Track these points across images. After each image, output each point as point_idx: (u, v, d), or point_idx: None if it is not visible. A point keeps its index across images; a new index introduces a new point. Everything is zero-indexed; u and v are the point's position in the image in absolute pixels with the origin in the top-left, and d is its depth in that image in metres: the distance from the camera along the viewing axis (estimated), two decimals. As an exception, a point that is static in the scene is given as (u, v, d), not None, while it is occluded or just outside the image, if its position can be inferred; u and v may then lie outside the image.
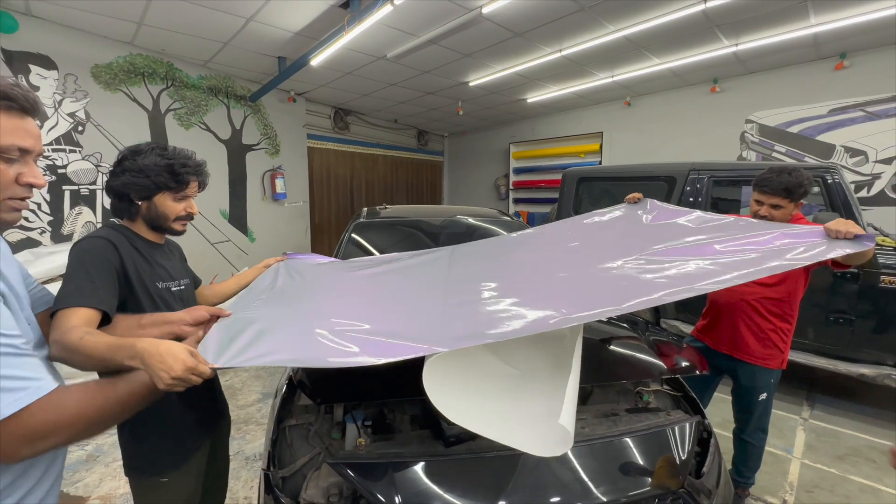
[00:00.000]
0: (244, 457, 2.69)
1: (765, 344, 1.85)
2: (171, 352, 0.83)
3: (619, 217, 2.00)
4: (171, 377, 0.80)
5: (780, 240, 1.36)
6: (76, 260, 1.11)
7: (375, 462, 1.29)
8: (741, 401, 2.01)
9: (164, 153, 1.23)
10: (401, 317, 1.35)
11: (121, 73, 4.39)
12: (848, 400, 3.34)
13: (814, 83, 4.91)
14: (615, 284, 1.34)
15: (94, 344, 0.90)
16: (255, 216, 5.91)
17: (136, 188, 1.19)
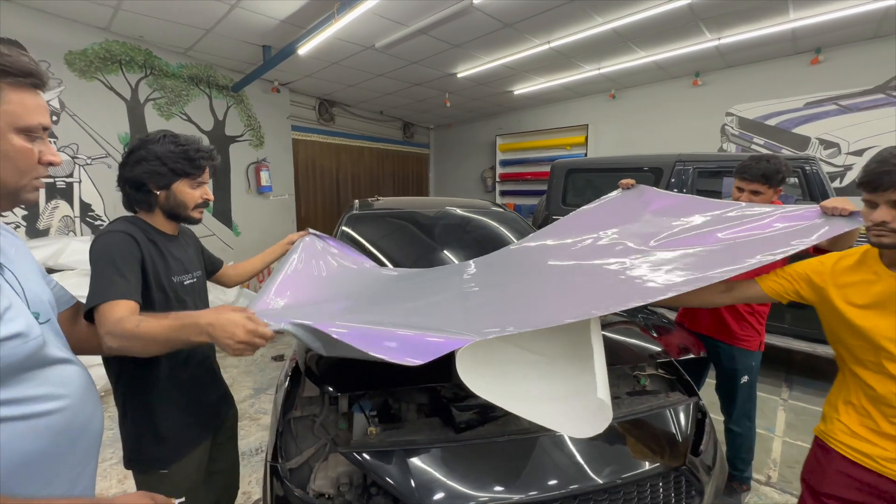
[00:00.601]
0: (239, 452, 2.66)
1: (742, 325, 1.92)
2: (231, 319, 0.87)
3: (616, 206, 2.04)
4: (237, 342, 0.85)
5: (780, 222, 1.40)
6: (103, 255, 1.09)
7: (389, 450, 1.30)
8: (725, 386, 2.06)
9: (177, 140, 1.23)
10: (430, 317, 1.38)
11: (97, 61, 4.21)
12: (823, 380, 3.52)
13: (790, 77, 5.07)
14: (629, 283, 1.36)
15: (153, 328, 0.91)
16: (240, 209, 5.78)
17: (155, 177, 1.18)
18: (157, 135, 1.22)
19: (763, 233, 1.39)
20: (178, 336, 0.90)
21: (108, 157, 4.37)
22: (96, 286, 1.03)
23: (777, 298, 1.30)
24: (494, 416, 1.45)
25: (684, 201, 1.82)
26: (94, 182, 4.30)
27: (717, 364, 2.07)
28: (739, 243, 1.38)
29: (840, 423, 1.20)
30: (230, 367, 4.00)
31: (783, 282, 1.28)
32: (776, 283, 1.29)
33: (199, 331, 0.88)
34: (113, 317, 0.96)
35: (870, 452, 1.12)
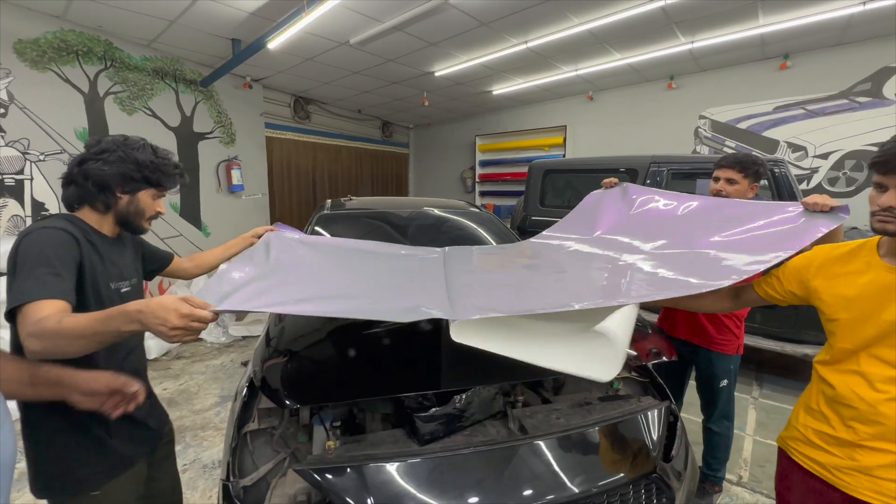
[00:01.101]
0: (201, 465, 2.53)
1: (720, 329, 1.91)
2: (163, 304, 0.81)
3: (600, 205, 2.02)
4: (170, 328, 0.80)
5: (765, 222, 1.38)
6: (33, 251, 0.98)
7: (346, 465, 1.22)
8: (704, 389, 2.06)
9: (157, 151, 1.23)
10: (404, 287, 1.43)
11: (50, 51, 3.96)
12: (793, 379, 3.59)
13: (760, 82, 5.20)
14: (613, 282, 1.37)
15: (77, 321, 0.84)
16: (210, 209, 5.57)
17: (127, 181, 1.15)
18: (137, 141, 1.20)
19: (750, 235, 1.37)
20: (106, 328, 0.83)
21: (63, 153, 4.13)
22: (20, 286, 0.93)
23: (772, 301, 1.27)
24: (461, 426, 1.39)
25: (667, 197, 1.83)
26: (48, 179, 4.05)
27: (696, 368, 2.07)
28: (727, 252, 1.35)
29: (797, 430, 1.18)
30: (196, 373, 3.83)
31: (775, 282, 1.24)
32: (769, 286, 1.26)
33: (128, 319, 0.82)
34: (35, 317, 0.88)
35: (823, 461, 1.09)
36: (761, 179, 1.84)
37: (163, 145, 4.43)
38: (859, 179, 4.70)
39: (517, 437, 1.36)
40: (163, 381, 3.67)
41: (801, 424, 1.17)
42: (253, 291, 1.14)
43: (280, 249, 1.57)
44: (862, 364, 1.02)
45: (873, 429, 1.00)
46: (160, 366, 3.97)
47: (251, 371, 1.60)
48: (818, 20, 3.93)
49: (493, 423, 1.45)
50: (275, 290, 1.20)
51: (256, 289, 1.16)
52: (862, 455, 1.02)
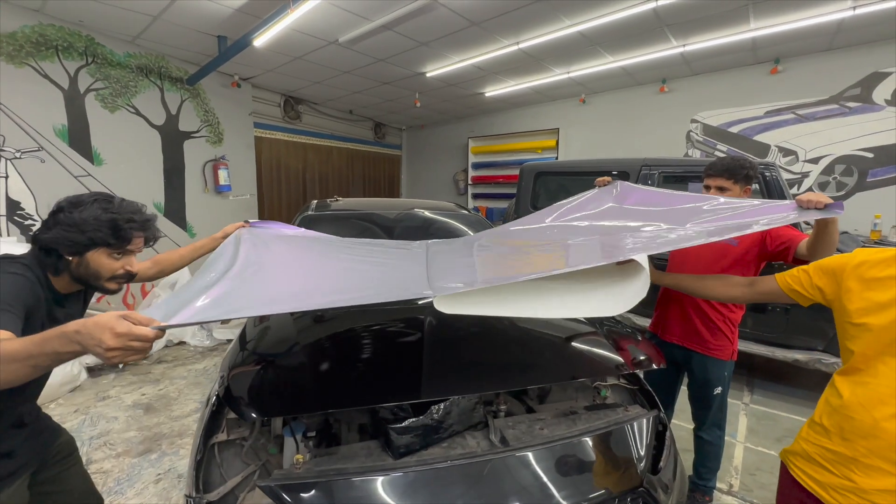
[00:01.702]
0: (177, 474, 2.43)
1: (714, 334, 1.86)
2: (99, 323, 0.74)
3: (592, 202, 1.98)
4: (106, 349, 0.73)
5: (754, 215, 1.36)
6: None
7: (313, 481, 1.15)
8: (697, 397, 2.01)
9: (109, 206, 1.14)
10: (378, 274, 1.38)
11: (28, 45, 3.84)
12: (783, 384, 3.56)
13: (751, 86, 5.20)
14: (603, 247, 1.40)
15: (11, 345, 0.79)
16: (196, 210, 5.45)
17: (67, 244, 1.09)
18: (87, 197, 1.14)
19: (738, 219, 1.35)
20: (42, 349, 0.77)
21: (41, 150, 4.01)
22: None
23: (794, 297, 1.20)
24: (438, 437, 1.32)
25: (660, 194, 1.80)
26: (24, 178, 3.93)
27: (689, 373, 2.01)
28: (715, 226, 1.35)
29: (800, 445, 1.13)
30: (177, 378, 3.72)
31: (802, 276, 1.18)
32: (794, 279, 1.20)
33: (66, 340, 0.76)
34: None
35: (820, 479, 1.05)
36: (752, 182, 1.79)
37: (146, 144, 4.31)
38: (849, 184, 4.71)
39: (498, 450, 1.30)
40: (142, 385, 3.56)
41: (803, 439, 1.13)
42: (214, 298, 1.05)
43: (250, 246, 1.49)
44: (879, 373, 0.97)
45: (871, 443, 0.95)
46: (140, 370, 3.86)
47: (219, 382, 1.52)
48: (809, 24, 3.93)
49: (474, 435, 1.38)
50: (238, 292, 1.11)
51: (218, 294, 1.07)
52: (859, 475, 0.97)
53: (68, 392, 3.39)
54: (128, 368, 3.86)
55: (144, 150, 4.84)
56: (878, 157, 4.53)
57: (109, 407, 3.20)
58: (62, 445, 1.43)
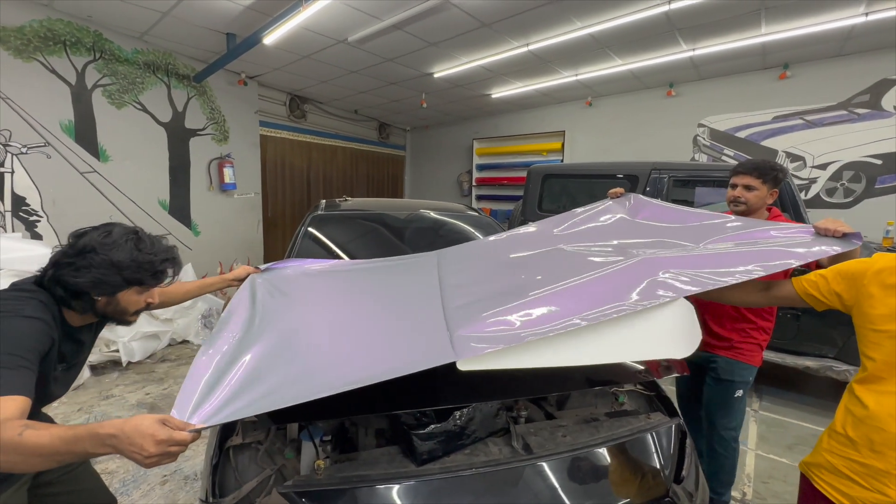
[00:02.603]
0: (182, 476, 2.40)
1: (745, 339, 1.84)
2: (139, 430, 0.73)
3: (605, 214, 1.94)
4: (146, 457, 0.73)
5: (775, 238, 1.33)
6: (8, 337, 0.93)
7: (337, 488, 1.12)
8: (715, 398, 1.94)
9: (142, 245, 1.10)
10: (400, 333, 1.24)
11: (35, 40, 3.82)
12: (792, 391, 3.54)
13: (760, 91, 5.19)
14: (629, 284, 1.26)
15: (38, 440, 0.75)
16: (200, 208, 5.42)
17: (103, 286, 1.05)
18: (119, 236, 1.08)
19: (755, 246, 1.31)
20: (71, 449, 0.74)
21: (47, 145, 3.98)
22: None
23: (810, 302, 1.18)
24: (461, 444, 1.29)
25: (673, 210, 1.75)
26: (30, 173, 3.89)
27: (711, 374, 1.94)
28: (731, 253, 1.30)
29: (822, 455, 1.10)
30: (181, 377, 3.69)
31: (820, 281, 1.15)
32: (811, 284, 1.17)
33: (98, 443, 0.74)
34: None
35: (850, 493, 1.01)
36: (780, 184, 1.77)
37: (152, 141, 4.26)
38: (857, 191, 4.70)
39: (521, 457, 1.27)
40: (145, 385, 3.52)
41: (826, 450, 1.09)
42: (239, 382, 0.98)
43: (263, 301, 1.43)
44: None
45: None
46: (143, 369, 3.83)
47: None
48: (820, 30, 3.93)
49: (496, 441, 1.35)
50: (261, 371, 1.04)
51: (243, 377, 1.01)
52: (894, 489, 0.94)
53: (71, 390, 3.36)
54: (131, 368, 3.83)
55: (150, 148, 4.81)
56: (886, 163, 4.53)
57: (113, 406, 3.17)
58: None
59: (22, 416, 0.84)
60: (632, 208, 1.89)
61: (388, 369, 1.00)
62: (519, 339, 1.02)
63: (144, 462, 0.73)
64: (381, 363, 1.05)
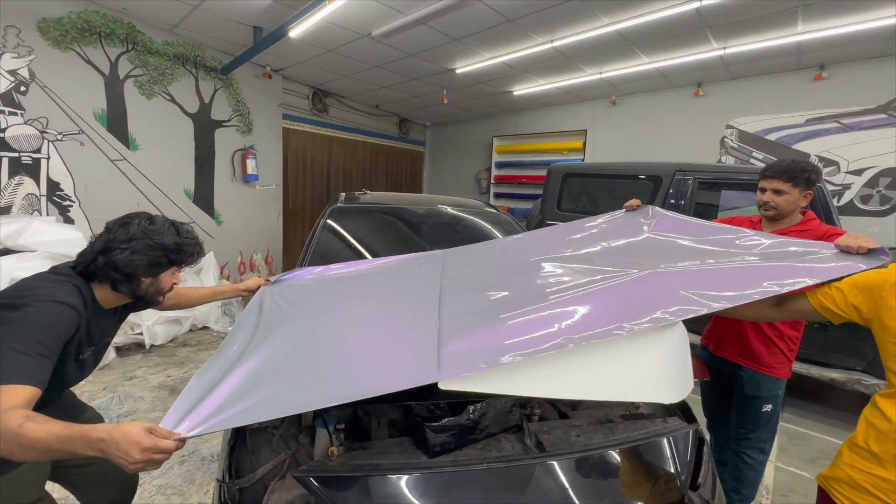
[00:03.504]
0: (200, 457, 2.47)
1: (771, 351, 1.76)
2: (127, 436, 0.78)
3: (617, 226, 1.89)
4: (131, 462, 0.78)
5: (795, 255, 1.27)
6: (36, 324, 1.00)
7: (349, 474, 1.13)
8: (742, 412, 1.86)
9: (180, 230, 1.24)
10: (390, 346, 1.21)
11: (73, 31, 3.95)
12: (817, 403, 3.42)
13: (793, 92, 5.01)
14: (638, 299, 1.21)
15: (37, 433, 0.81)
16: (223, 198, 5.55)
17: (153, 267, 1.18)
18: (162, 224, 1.22)
19: (772, 262, 1.25)
20: (63, 447, 0.81)
21: (80, 133, 4.13)
22: (11, 359, 0.93)
23: (827, 315, 1.13)
24: (474, 438, 1.29)
25: (691, 224, 1.69)
26: (65, 159, 4.05)
27: (737, 387, 1.87)
28: (745, 269, 1.24)
29: (842, 469, 1.06)
30: (200, 362, 3.78)
31: (836, 294, 1.11)
32: (827, 297, 1.12)
33: (88, 445, 0.80)
34: (4, 405, 0.85)
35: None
36: (814, 186, 1.67)
37: (179, 131, 4.40)
38: (894, 198, 4.49)
39: (534, 455, 1.26)
40: (167, 368, 3.63)
41: (847, 464, 1.05)
42: (226, 394, 0.98)
43: (267, 314, 1.46)
44: None
45: None
46: (165, 352, 3.95)
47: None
48: (860, 29, 3.75)
49: (508, 438, 1.34)
50: (247, 384, 1.03)
51: (230, 389, 1.00)
52: None
53: (98, 370, 3.49)
54: (154, 350, 3.95)
55: (177, 137, 4.94)
56: (927, 171, 4.31)
57: (136, 387, 3.28)
58: (87, 420, 1.46)
59: (28, 406, 0.90)
60: (647, 221, 1.83)
61: (371, 388, 0.99)
62: (501, 362, 0.99)
63: (129, 467, 0.78)
64: (364, 380, 1.03)
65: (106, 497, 1.49)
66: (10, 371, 0.92)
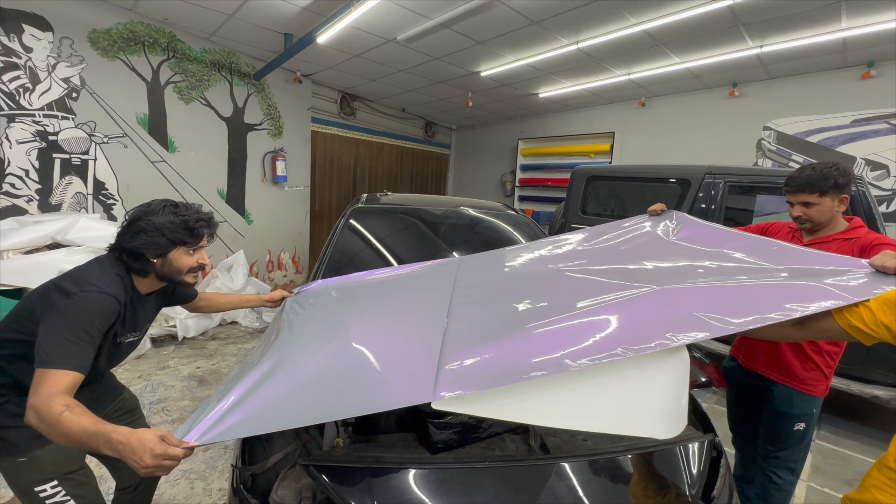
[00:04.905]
0: (223, 445, 2.57)
1: (807, 366, 1.63)
2: (142, 442, 0.85)
3: (639, 232, 1.84)
4: (143, 467, 0.84)
5: (817, 270, 1.19)
6: (83, 314, 1.10)
7: (352, 467, 1.16)
8: (771, 429, 1.74)
9: (177, 210, 1.28)
10: (392, 361, 1.18)
11: (120, 41, 4.23)
12: (856, 421, 3.21)
13: (837, 92, 4.73)
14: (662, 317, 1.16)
15: (70, 425, 0.91)
16: (254, 198, 5.77)
17: (153, 247, 1.23)
18: (157, 205, 1.27)
19: (797, 280, 1.18)
20: (89, 442, 0.90)
21: (124, 136, 4.40)
22: (53, 343, 1.04)
23: (856, 335, 1.05)
24: (477, 437, 1.29)
25: (716, 231, 1.61)
26: (110, 161, 4.32)
27: (767, 402, 1.76)
28: (767, 286, 1.18)
29: (870, 493, 0.99)
30: (228, 355, 3.95)
31: (864, 312, 1.03)
32: (855, 315, 1.04)
33: (108, 445, 0.88)
34: (50, 389, 0.97)
35: None
36: (847, 189, 1.55)
37: (214, 135, 4.62)
38: (951, 205, 4.16)
39: (538, 456, 1.25)
40: (197, 359, 3.80)
41: (875, 486, 0.99)
42: (230, 404, 1.01)
43: (286, 326, 1.49)
44: None
45: None
46: (196, 345, 4.13)
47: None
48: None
49: (513, 438, 1.34)
50: (250, 397, 1.05)
51: (234, 400, 1.03)
52: None
53: (134, 359, 3.69)
54: (186, 343, 4.14)
55: (212, 140, 5.18)
56: None
57: (168, 376, 3.45)
58: (125, 401, 1.58)
59: (71, 391, 1.00)
60: (671, 227, 1.76)
61: (369, 404, 1.01)
62: (497, 384, 0.98)
63: (141, 471, 0.85)
64: (364, 397, 1.04)
65: (135, 476, 1.58)
66: (58, 357, 1.02)
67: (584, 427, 1.04)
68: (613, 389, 1.05)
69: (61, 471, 1.25)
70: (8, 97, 3.62)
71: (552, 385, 1.02)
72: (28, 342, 1.11)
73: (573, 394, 1.03)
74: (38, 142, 3.82)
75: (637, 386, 1.05)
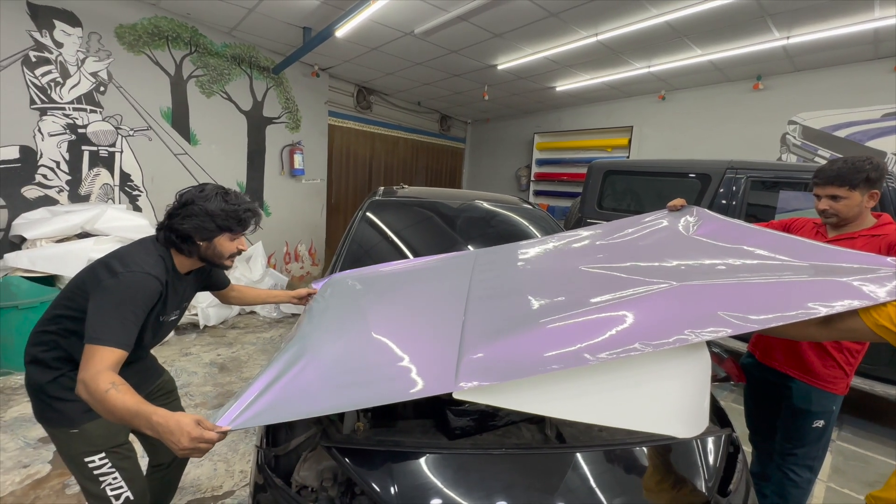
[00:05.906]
0: (244, 430, 2.65)
1: (827, 363, 1.59)
2: (179, 426, 0.90)
3: (657, 228, 1.81)
4: (180, 448, 0.89)
5: (843, 269, 1.17)
6: (128, 293, 1.17)
7: (373, 450, 1.20)
8: (789, 426, 1.71)
9: (228, 198, 1.34)
10: (412, 353, 1.21)
11: (145, 35, 4.33)
12: (879, 423, 3.14)
13: (868, 84, 4.57)
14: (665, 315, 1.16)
15: (116, 402, 0.97)
16: (272, 191, 5.87)
17: (203, 231, 1.30)
18: (210, 191, 1.33)
19: (821, 277, 1.16)
20: (131, 420, 0.96)
21: (149, 129, 4.51)
22: (101, 321, 1.11)
23: (883, 335, 1.03)
24: (494, 424, 1.32)
25: (739, 228, 1.58)
26: (135, 153, 4.45)
27: (785, 399, 1.73)
28: (790, 284, 1.16)
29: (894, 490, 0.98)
30: (248, 343, 4.05)
31: (892, 310, 1.01)
32: (882, 314, 1.02)
33: (148, 425, 0.93)
34: (98, 365, 1.03)
35: None
36: (878, 185, 1.50)
37: (234, 128, 4.70)
38: None
39: (554, 445, 1.27)
40: (217, 347, 3.91)
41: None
42: (256, 392, 1.05)
43: (310, 318, 1.53)
44: None
45: None
46: (217, 333, 4.25)
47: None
48: (952, 13, 3.37)
49: (529, 427, 1.36)
50: (275, 385, 1.08)
51: (260, 388, 1.06)
52: None
53: (159, 345, 3.82)
54: (207, 331, 4.26)
55: (232, 133, 5.28)
56: None
57: (191, 363, 3.57)
58: (164, 383, 1.67)
59: (116, 367, 1.07)
60: (691, 223, 1.73)
61: (389, 395, 1.04)
62: (516, 376, 1.00)
63: (179, 452, 0.90)
64: (384, 387, 1.07)
65: (168, 455, 1.67)
66: (104, 334, 1.09)
67: (602, 421, 1.06)
68: (633, 385, 1.06)
69: (108, 444, 1.33)
70: (41, 91, 3.75)
71: (570, 378, 1.04)
72: (79, 318, 1.19)
73: (592, 388, 1.05)
74: (68, 134, 3.95)
75: (657, 383, 1.07)
